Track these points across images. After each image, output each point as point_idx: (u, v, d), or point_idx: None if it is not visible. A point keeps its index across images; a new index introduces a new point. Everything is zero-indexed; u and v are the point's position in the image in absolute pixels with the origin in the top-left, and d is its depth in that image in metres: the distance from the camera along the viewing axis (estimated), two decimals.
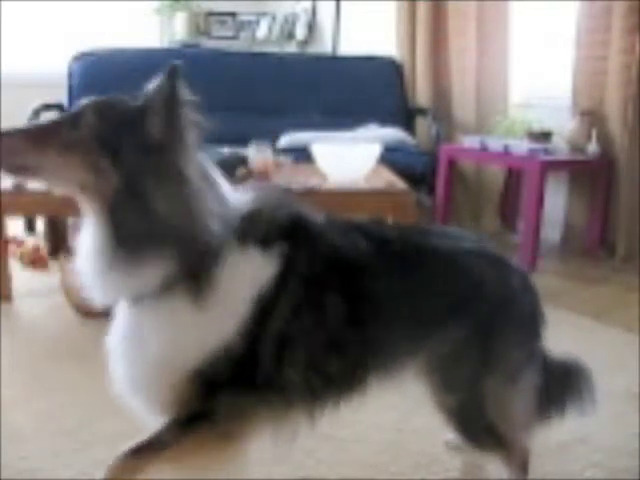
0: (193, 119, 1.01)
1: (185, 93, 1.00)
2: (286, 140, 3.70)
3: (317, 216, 1.16)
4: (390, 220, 2.66)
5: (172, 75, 0.98)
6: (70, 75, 4.09)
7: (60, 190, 1.05)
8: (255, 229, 1.06)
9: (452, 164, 3.70)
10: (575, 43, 3.41)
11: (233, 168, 2.71)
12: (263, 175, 2.70)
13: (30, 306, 2.47)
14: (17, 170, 1.01)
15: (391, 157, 3.19)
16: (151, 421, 1.11)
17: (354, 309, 1.10)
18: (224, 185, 1.09)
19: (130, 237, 0.97)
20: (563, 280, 3.10)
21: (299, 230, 1.10)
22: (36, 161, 0.98)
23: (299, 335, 1.06)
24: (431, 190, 3.78)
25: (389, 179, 2.81)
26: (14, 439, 1.61)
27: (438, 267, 1.18)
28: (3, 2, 4.68)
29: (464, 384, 1.22)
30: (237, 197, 1.09)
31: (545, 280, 3.10)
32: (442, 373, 1.22)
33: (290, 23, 5.40)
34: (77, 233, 1.07)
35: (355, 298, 1.11)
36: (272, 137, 3.26)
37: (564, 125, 3.41)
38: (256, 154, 2.74)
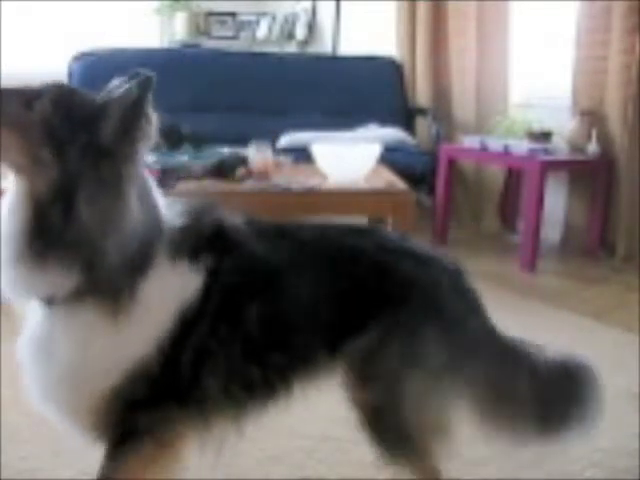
0: (148, 135, 0.97)
1: (150, 107, 0.96)
2: (286, 140, 3.70)
3: (237, 222, 1.12)
4: (390, 220, 2.67)
5: (143, 86, 0.93)
6: (70, 75, 4.10)
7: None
8: (183, 243, 1.03)
9: (452, 164, 3.70)
10: (575, 43, 3.41)
11: (233, 168, 2.71)
12: (263, 175, 2.70)
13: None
14: None
15: (391, 157, 3.19)
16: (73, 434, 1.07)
17: (273, 316, 1.08)
18: (159, 198, 1.05)
19: (46, 234, 0.92)
20: (563, 280, 3.09)
21: (220, 240, 1.07)
22: None
23: (219, 347, 1.04)
24: (431, 190, 3.78)
25: (389, 179, 2.81)
26: (14, 439, 1.61)
27: (355, 267, 1.15)
28: (3, 2, 4.68)
29: (382, 380, 1.17)
30: (170, 211, 1.06)
31: (545, 280, 3.10)
32: (360, 368, 1.18)
33: (290, 23, 5.40)
34: None
35: (274, 305, 1.09)
36: (272, 137, 3.26)
37: (564, 125, 3.41)
38: (256, 154, 2.74)
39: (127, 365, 0.98)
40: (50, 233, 0.92)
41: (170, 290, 1.00)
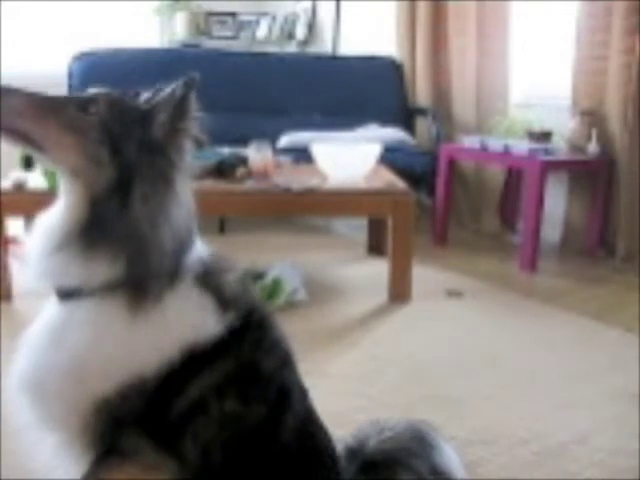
0: (193, 135, 1.02)
1: (195, 107, 1.01)
2: (286, 140, 3.71)
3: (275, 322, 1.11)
4: (390, 220, 2.67)
5: (188, 85, 0.99)
6: (70, 75, 4.10)
7: (52, 166, 1.01)
8: (217, 285, 1.02)
9: (452, 164, 3.70)
10: (575, 43, 3.41)
11: (233, 168, 2.71)
12: (263, 175, 2.70)
13: (30, 306, 2.46)
14: (12, 133, 0.95)
15: (391, 157, 3.19)
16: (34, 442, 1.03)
17: (274, 416, 1.04)
18: (193, 214, 1.05)
19: (99, 227, 0.94)
20: (563, 280, 3.09)
21: (254, 315, 1.05)
22: (36, 131, 0.94)
23: (216, 413, 0.98)
24: (431, 190, 3.78)
25: (389, 179, 2.81)
26: (14, 439, 1.61)
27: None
28: (3, 2, 4.68)
29: None
30: (199, 242, 1.06)
31: (545, 280, 3.10)
32: None
33: (290, 23, 5.40)
34: None
35: (280, 404, 1.05)
36: (272, 137, 3.26)
37: (564, 125, 3.41)
38: (256, 154, 2.74)
39: (128, 372, 0.95)
40: (103, 226, 0.94)
41: (190, 316, 0.98)
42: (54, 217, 0.98)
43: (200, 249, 1.05)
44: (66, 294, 0.98)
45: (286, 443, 1.05)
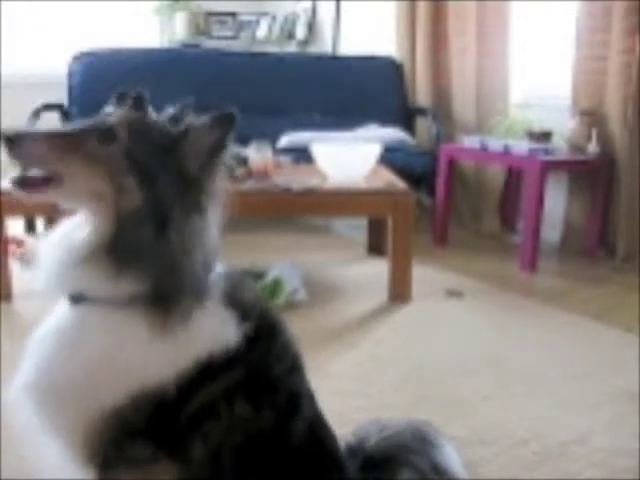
0: (228, 170, 1.04)
1: (231, 143, 1.02)
2: (286, 140, 3.71)
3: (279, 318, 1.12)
4: (390, 220, 2.67)
5: (227, 123, 1.00)
6: (70, 75, 4.09)
7: (73, 204, 0.99)
8: (240, 300, 1.03)
9: (452, 164, 3.70)
10: (575, 43, 3.41)
11: (233, 168, 2.71)
12: (263, 175, 2.70)
13: (30, 306, 2.47)
14: (38, 182, 0.95)
15: (391, 157, 3.19)
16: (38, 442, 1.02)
17: (283, 424, 1.04)
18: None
19: (125, 249, 0.93)
20: (563, 280, 3.09)
21: (266, 322, 1.06)
22: (60, 171, 0.94)
23: (224, 420, 0.98)
24: (431, 190, 3.78)
25: (389, 179, 2.81)
26: (14, 439, 1.60)
27: None
28: (3, 2, 4.68)
29: None
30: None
31: (545, 280, 3.10)
32: None
33: (290, 23, 5.40)
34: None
35: (289, 414, 1.05)
36: (272, 137, 3.26)
37: (564, 125, 3.41)
38: (256, 154, 2.74)
39: (142, 385, 0.94)
40: (131, 247, 0.93)
41: (214, 332, 0.98)
42: (77, 231, 0.97)
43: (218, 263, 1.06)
44: (80, 298, 0.97)
45: (295, 447, 1.05)
